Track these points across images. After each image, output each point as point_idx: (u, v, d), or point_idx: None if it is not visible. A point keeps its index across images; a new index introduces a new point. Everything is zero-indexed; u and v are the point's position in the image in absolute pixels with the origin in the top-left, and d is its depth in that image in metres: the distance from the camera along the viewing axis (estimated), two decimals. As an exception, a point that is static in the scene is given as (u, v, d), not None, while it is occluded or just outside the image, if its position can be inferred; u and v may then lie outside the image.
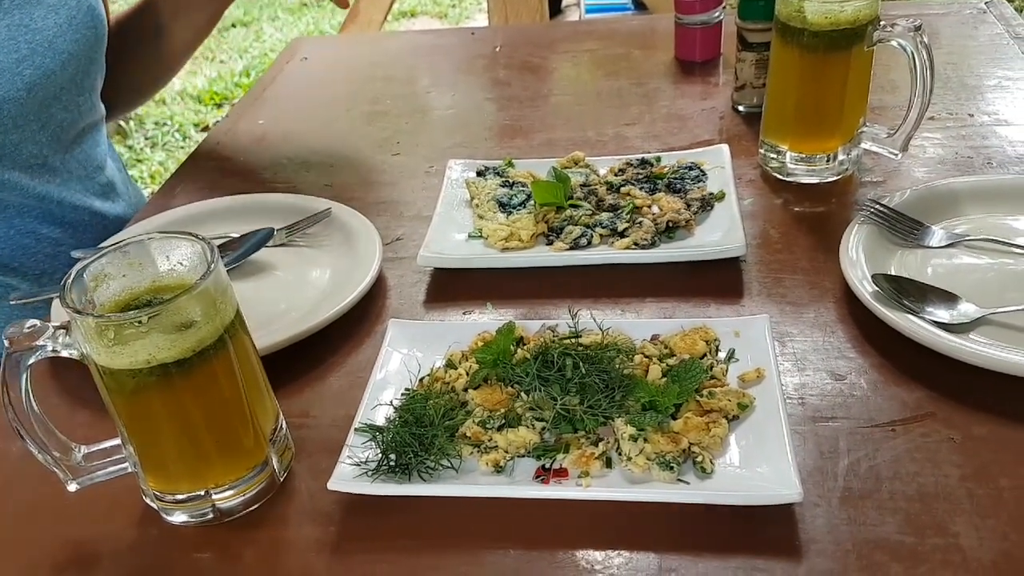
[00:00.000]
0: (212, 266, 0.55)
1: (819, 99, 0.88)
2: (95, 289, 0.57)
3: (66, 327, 0.55)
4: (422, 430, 0.62)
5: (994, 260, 0.77)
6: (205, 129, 3.38)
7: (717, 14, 1.18)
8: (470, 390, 0.67)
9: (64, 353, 0.56)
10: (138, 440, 0.59)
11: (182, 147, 3.35)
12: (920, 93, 0.85)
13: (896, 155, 0.90)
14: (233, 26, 4.45)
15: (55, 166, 1.02)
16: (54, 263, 1.02)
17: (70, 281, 0.55)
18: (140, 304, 0.57)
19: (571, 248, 0.84)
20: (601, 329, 0.70)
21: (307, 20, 4.47)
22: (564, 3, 3.93)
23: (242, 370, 0.59)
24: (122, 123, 3.41)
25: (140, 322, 0.53)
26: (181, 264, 0.59)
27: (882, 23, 0.84)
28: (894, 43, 0.84)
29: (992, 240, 0.78)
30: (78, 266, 0.56)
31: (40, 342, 0.55)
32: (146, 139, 3.42)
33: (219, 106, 3.65)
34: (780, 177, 0.93)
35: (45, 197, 1.01)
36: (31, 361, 0.55)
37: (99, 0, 1.05)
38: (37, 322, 0.56)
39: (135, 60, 1.15)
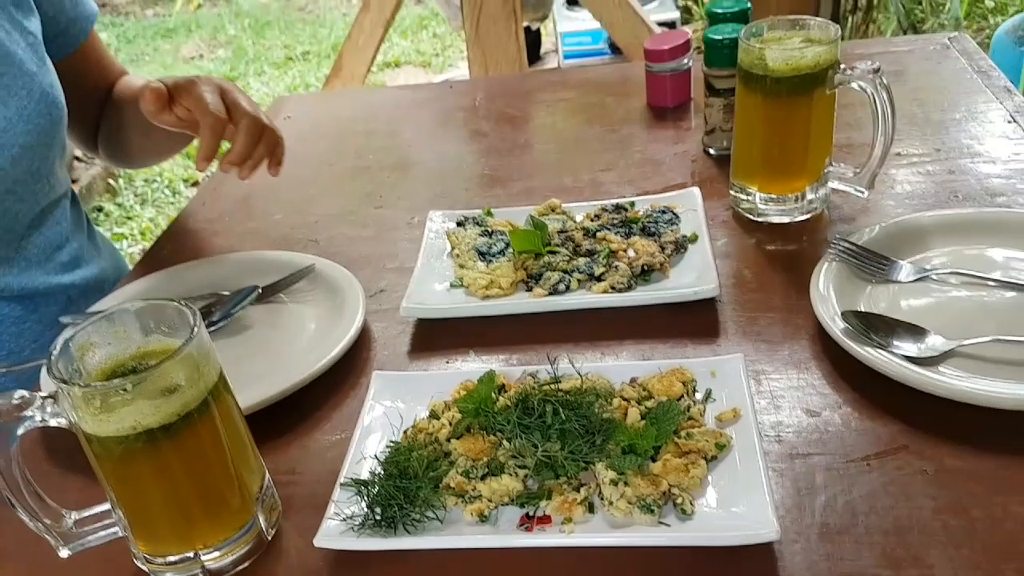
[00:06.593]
0: (195, 331, 0.57)
1: (784, 142, 0.90)
2: (81, 358, 0.58)
3: (54, 396, 0.57)
4: (407, 482, 0.63)
5: (963, 293, 0.79)
6: (195, 185, 3.40)
7: (686, 60, 1.21)
8: (453, 440, 0.68)
9: (52, 422, 0.57)
10: (126, 504, 0.60)
11: (172, 203, 3.37)
12: (882, 132, 0.87)
13: (863, 193, 0.92)
14: (220, 82, 4.50)
15: (9, 257, 0.98)
16: (19, 341, 1.00)
17: (56, 351, 0.56)
18: (126, 371, 0.59)
19: (550, 294, 0.86)
20: (580, 374, 0.71)
21: (293, 74, 4.54)
22: (543, 50, 4.01)
23: (226, 431, 0.60)
24: (111, 181, 3.44)
25: (125, 389, 0.54)
26: (165, 330, 0.61)
27: (842, 66, 0.87)
28: (855, 85, 0.87)
29: (960, 273, 0.80)
30: (64, 335, 0.58)
31: (28, 412, 0.56)
32: (136, 196, 3.45)
33: (208, 161, 3.68)
34: (752, 217, 0.95)
35: (3, 289, 0.97)
36: (20, 431, 0.56)
37: (55, 83, 0.99)
38: (25, 393, 0.57)
39: (113, 135, 1.15)
